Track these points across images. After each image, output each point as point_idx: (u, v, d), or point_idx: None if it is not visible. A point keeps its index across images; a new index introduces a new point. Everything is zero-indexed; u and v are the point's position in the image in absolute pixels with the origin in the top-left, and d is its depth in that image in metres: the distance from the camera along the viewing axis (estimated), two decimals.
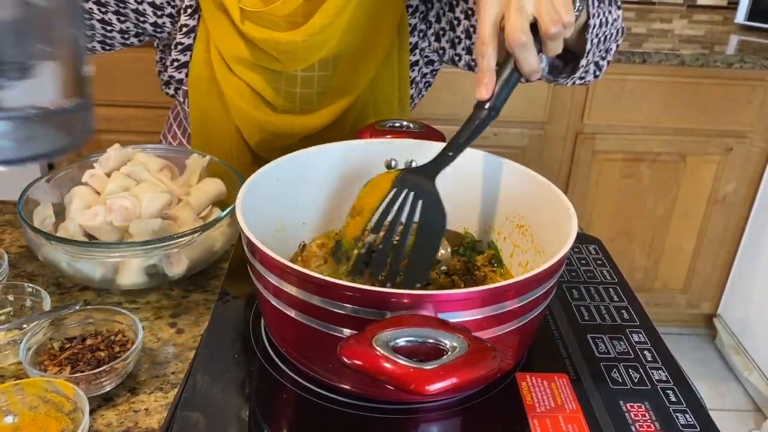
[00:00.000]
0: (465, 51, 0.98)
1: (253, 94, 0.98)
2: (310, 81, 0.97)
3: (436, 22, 0.99)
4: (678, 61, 1.92)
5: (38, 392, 0.61)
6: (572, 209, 0.66)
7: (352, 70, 0.97)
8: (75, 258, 0.77)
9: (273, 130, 0.99)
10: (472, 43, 0.96)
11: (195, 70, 0.99)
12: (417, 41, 1.00)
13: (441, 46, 1.00)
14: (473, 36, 0.95)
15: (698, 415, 0.60)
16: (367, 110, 1.02)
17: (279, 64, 0.94)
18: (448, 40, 0.98)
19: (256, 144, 1.02)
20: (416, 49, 1.01)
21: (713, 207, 2.16)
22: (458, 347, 0.48)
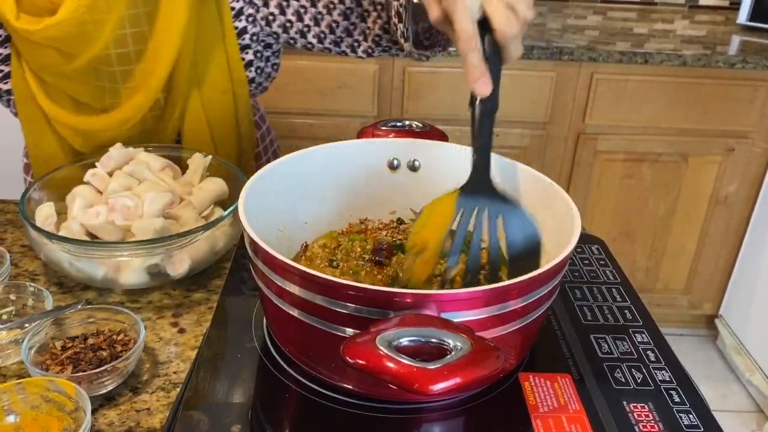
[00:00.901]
0: (298, 35, 0.98)
1: (71, 100, 0.96)
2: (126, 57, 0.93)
3: (264, 6, 0.98)
4: (680, 62, 1.92)
5: (40, 391, 0.61)
6: (575, 209, 0.66)
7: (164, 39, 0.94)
8: (77, 257, 0.77)
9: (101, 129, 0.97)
10: (305, 26, 0.97)
11: (14, 81, 0.96)
12: (246, 26, 0.99)
13: (273, 31, 1.00)
14: (304, 18, 0.96)
15: (702, 416, 0.60)
16: (191, 95, 0.99)
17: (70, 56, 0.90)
18: (280, 25, 0.98)
19: (91, 150, 0.99)
20: (246, 34, 1.00)
21: (715, 207, 2.16)
22: (462, 347, 0.48)
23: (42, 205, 0.84)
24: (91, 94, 0.96)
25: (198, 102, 1.00)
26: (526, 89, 1.98)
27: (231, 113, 1.04)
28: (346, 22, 0.94)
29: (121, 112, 0.97)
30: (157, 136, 1.02)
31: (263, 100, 1.26)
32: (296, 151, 0.77)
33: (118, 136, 0.97)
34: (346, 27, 0.94)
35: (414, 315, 0.51)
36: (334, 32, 0.96)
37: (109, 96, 0.96)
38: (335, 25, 0.95)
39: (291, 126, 2.03)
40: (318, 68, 1.96)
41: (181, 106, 1.00)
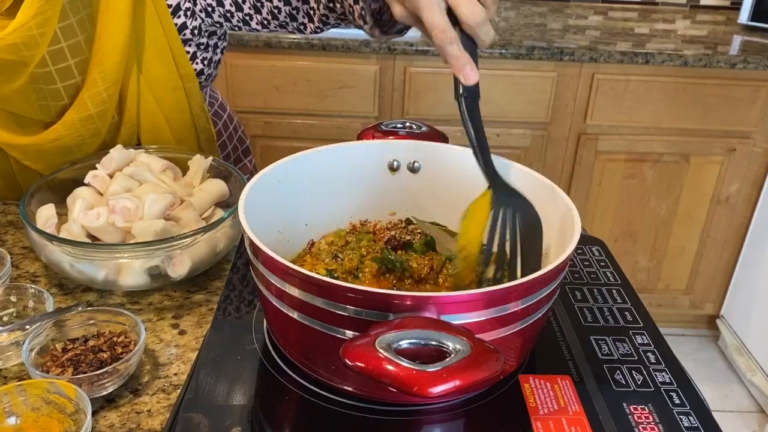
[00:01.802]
0: (242, 23, 0.98)
1: (17, 119, 0.94)
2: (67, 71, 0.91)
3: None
4: (681, 62, 1.92)
5: (41, 393, 0.61)
6: (575, 210, 0.66)
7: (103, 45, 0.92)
8: (77, 259, 0.77)
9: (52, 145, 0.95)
10: (246, 15, 0.97)
11: None
12: (185, 21, 0.97)
13: (215, 21, 0.99)
14: (243, 6, 0.95)
15: (702, 418, 0.60)
16: (144, 96, 0.98)
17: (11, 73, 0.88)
18: (221, 15, 0.98)
19: (44, 168, 0.97)
20: (186, 29, 0.98)
21: (716, 208, 2.16)
22: (461, 349, 0.48)
23: (42, 207, 0.84)
24: (37, 112, 0.93)
25: (152, 103, 0.99)
26: (527, 90, 1.98)
27: (185, 109, 1.03)
28: (287, 7, 0.93)
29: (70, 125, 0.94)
30: (116, 143, 0.99)
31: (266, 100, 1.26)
32: (297, 152, 0.77)
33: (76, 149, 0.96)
34: (289, 12, 0.93)
35: (413, 317, 0.51)
36: (276, 18, 0.95)
37: (56, 113, 0.94)
38: (277, 11, 0.94)
39: (292, 126, 2.03)
40: (319, 69, 1.96)
41: (135, 110, 0.98)
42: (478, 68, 0.65)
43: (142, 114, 0.99)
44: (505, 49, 1.91)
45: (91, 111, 0.94)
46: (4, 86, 0.89)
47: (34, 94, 0.92)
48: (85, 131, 0.95)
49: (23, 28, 0.84)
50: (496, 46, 1.91)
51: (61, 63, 0.91)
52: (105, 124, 0.97)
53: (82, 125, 0.95)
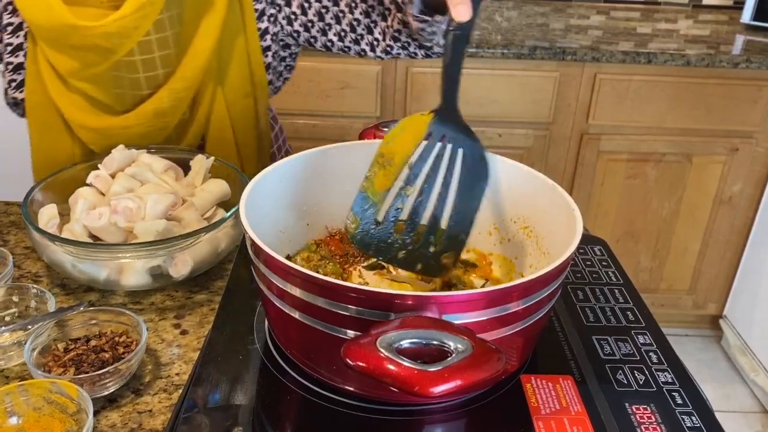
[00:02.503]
0: (320, 33, 0.98)
1: (95, 102, 0.96)
2: (152, 63, 0.94)
3: (286, 5, 0.98)
4: (683, 61, 1.92)
5: (42, 393, 0.61)
6: (577, 210, 0.66)
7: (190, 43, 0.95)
8: (79, 259, 0.77)
9: (120, 133, 0.97)
10: (326, 24, 0.97)
11: (29, 88, 0.96)
12: (268, 26, 1.00)
13: (295, 30, 1.00)
14: (325, 17, 0.96)
15: (705, 418, 0.60)
16: (216, 98, 1.00)
17: (108, 53, 0.91)
18: (302, 24, 0.98)
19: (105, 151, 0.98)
20: (267, 35, 1.00)
21: (719, 207, 2.15)
22: (463, 349, 0.48)
23: (45, 207, 0.85)
24: (113, 99, 0.96)
25: (223, 105, 1.01)
26: (529, 90, 1.98)
27: (252, 116, 1.05)
28: (367, 20, 0.94)
29: (142, 116, 0.97)
30: (182, 140, 1.02)
31: None
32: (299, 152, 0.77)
33: (143, 138, 0.98)
34: (367, 24, 0.94)
35: (415, 317, 0.51)
36: (354, 30, 0.96)
37: (131, 101, 0.97)
38: (356, 23, 0.95)
39: (294, 127, 2.03)
40: (321, 69, 1.96)
41: (206, 110, 1.00)
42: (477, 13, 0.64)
43: (212, 115, 1.01)
44: (508, 49, 1.91)
45: (166, 105, 0.97)
46: (86, 69, 0.92)
47: (112, 81, 0.95)
48: (155, 123, 0.98)
49: (123, 20, 0.87)
50: (499, 46, 1.91)
51: (147, 54, 0.93)
52: (175, 119, 0.99)
53: (154, 117, 0.97)
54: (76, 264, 0.78)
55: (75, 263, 0.78)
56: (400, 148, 0.65)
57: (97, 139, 0.99)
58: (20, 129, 1.03)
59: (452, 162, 0.65)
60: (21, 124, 1.02)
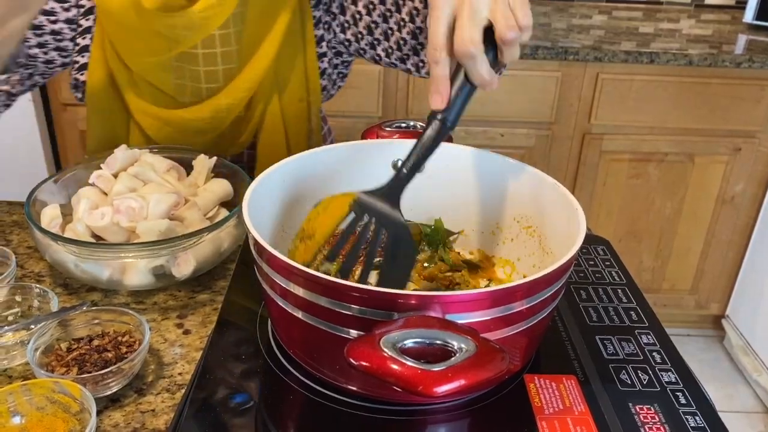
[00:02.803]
0: (369, 46, 0.98)
1: (155, 91, 0.98)
2: (213, 58, 0.95)
3: (341, 14, 0.98)
4: (686, 61, 1.92)
5: (45, 393, 0.61)
6: (580, 209, 0.66)
7: (251, 46, 0.96)
8: (82, 259, 0.77)
9: (179, 123, 0.99)
10: (375, 39, 0.96)
11: (92, 72, 0.98)
12: (323, 33, 1.00)
13: (346, 38, 1.00)
14: (375, 31, 0.95)
15: (708, 418, 0.60)
16: (272, 101, 1.01)
17: (176, 44, 0.92)
18: (353, 34, 0.98)
19: (164, 142, 1.01)
20: (323, 42, 1.01)
21: (721, 207, 2.15)
22: (466, 349, 0.48)
23: (47, 207, 0.85)
24: (173, 89, 0.97)
25: (277, 108, 1.01)
26: (531, 89, 1.98)
27: (305, 118, 1.05)
28: (414, 41, 0.93)
29: (224, 97, 0.98)
30: (235, 138, 1.03)
31: None
32: None
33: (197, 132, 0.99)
34: (413, 46, 0.93)
35: (418, 317, 0.51)
36: (401, 49, 0.95)
37: (190, 93, 0.98)
38: (402, 43, 0.94)
39: None
40: None
41: (261, 112, 1.01)
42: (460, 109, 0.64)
43: (266, 117, 1.02)
44: None
45: (223, 103, 0.98)
46: (150, 57, 0.93)
47: (173, 71, 0.96)
48: (211, 120, 0.98)
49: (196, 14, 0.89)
50: None
51: (209, 49, 0.94)
52: (230, 117, 1.00)
53: (211, 113, 0.98)
54: (78, 264, 0.78)
55: (78, 263, 0.78)
56: (321, 226, 0.66)
57: (155, 126, 1.00)
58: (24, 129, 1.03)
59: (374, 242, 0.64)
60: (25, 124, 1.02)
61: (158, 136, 1.01)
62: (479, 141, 2.02)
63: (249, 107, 1.01)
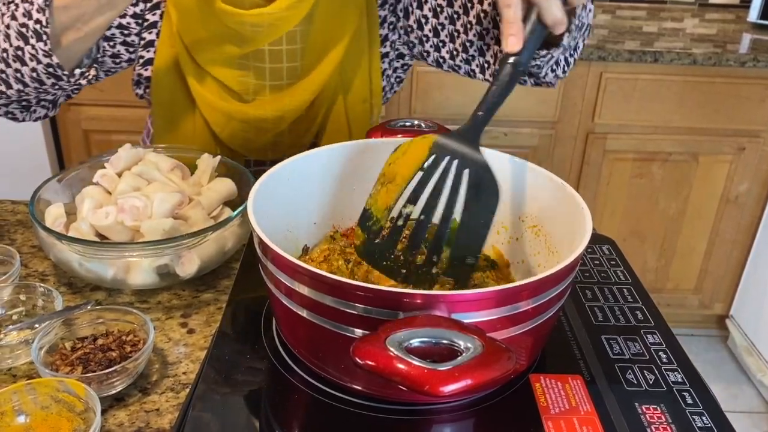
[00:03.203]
0: (433, 48, 0.98)
1: (221, 86, 0.98)
2: (278, 55, 0.96)
3: (404, 17, 0.98)
4: (690, 60, 1.91)
5: (50, 392, 0.61)
6: (586, 209, 0.65)
7: (318, 47, 0.97)
8: (86, 258, 0.77)
9: (243, 119, 0.99)
10: (441, 41, 0.96)
11: (159, 66, 0.98)
12: (387, 33, 1.00)
13: (410, 40, 1.00)
14: (441, 33, 0.95)
15: (715, 418, 0.59)
16: (336, 101, 1.01)
17: (244, 42, 0.93)
18: (417, 37, 0.98)
19: (227, 136, 1.01)
20: (387, 41, 1.01)
21: (726, 207, 2.14)
22: (472, 348, 0.48)
23: (51, 206, 0.84)
24: (238, 85, 0.98)
25: (342, 109, 1.02)
26: (535, 89, 1.97)
27: (367, 120, 1.06)
28: (480, 42, 0.93)
29: (288, 96, 0.98)
30: (294, 139, 1.03)
31: None
32: None
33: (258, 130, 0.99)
34: (480, 47, 0.93)
35: (424, 316, 0.51)
36: (467, 51, 0.95)
37: (252, 90, 0.98)
38: (469, 44, 0.94)
39: None
40: None
41: (324, 112, 1.01)
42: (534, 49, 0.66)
43: (329, 117, 1.02)
44: None
45: (286, 101, 0.98)
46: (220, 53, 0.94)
47: (237, 67, 0.96)
48: (271, 117, 0.99)
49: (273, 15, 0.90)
50: None
51: (276, 46, 0.95)
52: (293, 116, 1.00)
53: (273, 111, 0.98)
54: (82, 263, 0.78)
55: (82, 262, 0.78)
56: (402, 169, 0.66)
57: (220, 121, 1.00)
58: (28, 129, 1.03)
59: (457, 182, 0.65)
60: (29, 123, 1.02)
61: (223, 132, 1.01)
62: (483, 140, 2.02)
63: (312, 107, 1.00)
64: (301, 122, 1.02)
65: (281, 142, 1.03)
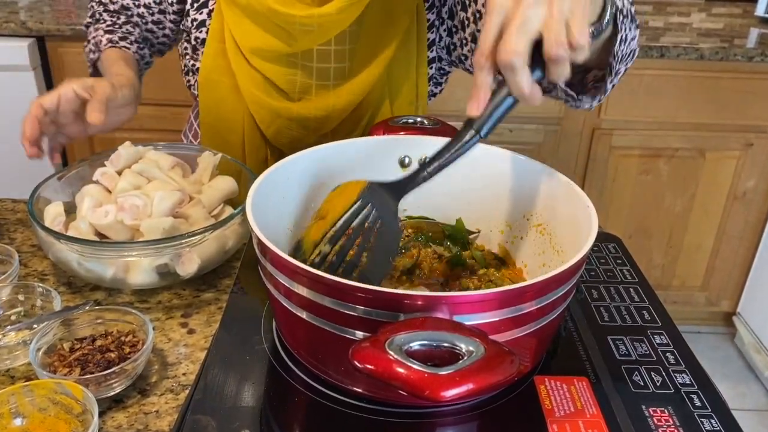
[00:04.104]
0: (471, 53, 0.96)
1: (268, 83, 0.98)
2: (326, 55, 0.95)
3: (449, 18, 0.98)
4: (697, 55, 1.89)
5: (48, 394, 0.60)
6: (592, 207, 0.64)
7: (367, 49, 0.96)
8: (85, 257, 0.77)
9: (288, 115, 0.99)
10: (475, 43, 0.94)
11: (207, 62, 0.99)
12: (434, 38, 1.00)
13: (452, 42, 0.99)
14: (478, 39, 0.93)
15: (724, 420, 0.58)
16: (383, 104, 1.00)
17: (294, 41, 0.93)
18: (459, 39, 0.97)
19: (273, 134, 1.01)
20: (433, 46, 1.01)
21: (733, 203, 2.12)
22: (474, 351, 0.47)
23: (51, 205, 0.84)
24: (286, 84, 0.98)
25: (388, 112, 1.01)
26: None
27: None
28: None
29: (333, 96, 0.98)
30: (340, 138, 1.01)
31: None
32: None
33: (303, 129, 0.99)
34: None
35: (425, 318, 0.50)
36: None
37: (299, 89, 0.98)
38: None
39: None
40: None
41: (371, 115, 1.01)
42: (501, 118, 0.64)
43: (377, 119, 1.01)
44: None
45: (332, 102, 0.98)
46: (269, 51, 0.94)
47: (287, 65, 0.96)
48: (315, 117, 0.98)
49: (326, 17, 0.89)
50: None
51: (324, 47, 0.95)
52: (339, 117, 0.99)
53: (317, 111, 0.98)
54: (82, 262, 0.77)
55: (81, 261, 0.77)
56: (333, 207, 0.68)
57: (266, 118, 1.00)
58: None
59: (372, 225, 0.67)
60: None
61: (269, 130, 1.00)
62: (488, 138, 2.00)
63: (358, 109, 1.00)
64: (346, 124, 1.01)
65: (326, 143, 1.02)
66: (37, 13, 1.99)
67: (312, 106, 0.98)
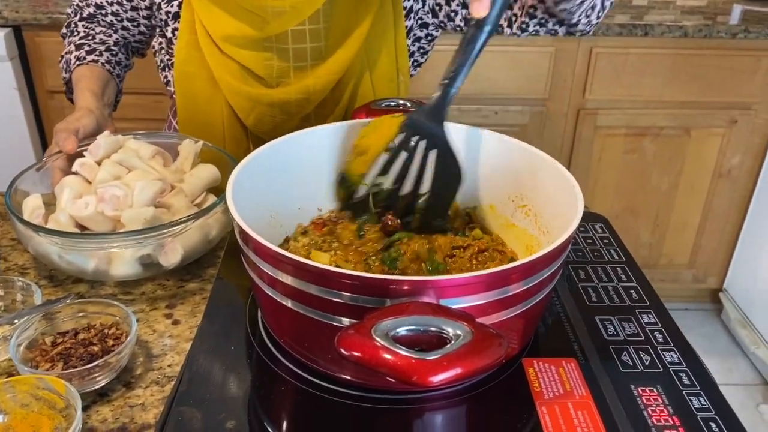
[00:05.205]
0: (460, 6, 0.96)
1: (244, 71, 0.96)
2: (301, 35, 0.94)
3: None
4: (680, 33, 1.89)
5: (30, 390, 0.59)
6: (578, 187, 0.64)
7: (342, 25, 0.95)
8: (66, 250, 0.75)
9: (268, 101, 0.97)
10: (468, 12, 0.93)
11: (180, 54, 0.98)
12: (412, 4, 0.98)
13: (437, 3, 0.98)
14: None
15: (713, 398, 0.58)
16: (362, 80, 0.99)
17: (266, 24, 0.92)
18: (445, 14, 0.96)
19: (254, 122, 0.99)
20: (411, 13, 0.99)
21: (718, 181, 2.13)
22: (462, 335, 0.46)
23: (29, 197, 0.82)
24: (262, 69, 0.96)
25: (369, 89, 1.00)
26: (524, 66, 1.95)
27: None
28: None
29: (312, 78, 0.96)
30: (320, 121, 1.01)
31: None
32: None
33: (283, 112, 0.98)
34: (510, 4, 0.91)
35: (411, 303, 0.49)
36: None
37: (277, 73, 0.96)
38: None
39: None
40: None
41: (351, 93, 0.99)
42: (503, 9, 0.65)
43: (356, 98, 1.00)
44: None
45: (310, 83, 0.96)
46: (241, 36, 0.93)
47: (262, 49, 0.95)
48: (296, 99, 0.97)
49: None
50: None
51: (299, 26, 0.93)
52: (318, 98, 0.98)
53: (297, 94, 0.97)
54: (62, 255, 0.76)
55: (61, 254, 0.76)
56: (374, 142, 0.70)
57: (246, 106, 0.99)
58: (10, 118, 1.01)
59: (424, 161, 0.70)
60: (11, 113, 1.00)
61: (248, 119, 0.99)
62: (473, 119, 1.99)
63: (337, 88, 0.99)
64: (327, 104, 0.99)
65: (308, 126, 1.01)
66: (13, 1, 1.95)
67: (292, 90, 0.96)
